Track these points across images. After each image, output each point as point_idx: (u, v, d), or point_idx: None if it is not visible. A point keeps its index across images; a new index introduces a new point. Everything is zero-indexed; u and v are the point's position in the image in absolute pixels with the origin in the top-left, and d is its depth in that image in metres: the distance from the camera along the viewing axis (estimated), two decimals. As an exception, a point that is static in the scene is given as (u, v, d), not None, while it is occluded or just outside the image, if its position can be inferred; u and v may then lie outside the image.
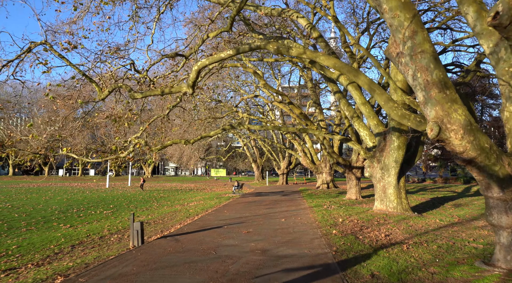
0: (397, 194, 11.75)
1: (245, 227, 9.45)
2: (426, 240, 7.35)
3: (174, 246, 7.03)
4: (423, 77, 4.71)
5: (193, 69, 7.35)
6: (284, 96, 19.85)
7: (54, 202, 19.02)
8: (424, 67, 4.69)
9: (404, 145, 11.41)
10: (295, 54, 6.53)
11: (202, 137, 12.27)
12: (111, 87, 8.24)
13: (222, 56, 7.14)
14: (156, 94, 7.90)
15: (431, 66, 4.64)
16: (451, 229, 8.80)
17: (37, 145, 11.56)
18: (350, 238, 7.63)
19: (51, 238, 9.41)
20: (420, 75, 4.74)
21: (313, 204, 15.36)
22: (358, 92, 12.66)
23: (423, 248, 6.56)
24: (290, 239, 7.57)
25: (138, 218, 13.66)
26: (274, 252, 6.41)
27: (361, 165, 18.13)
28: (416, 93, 4.93)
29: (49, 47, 7.98)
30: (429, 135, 4.63)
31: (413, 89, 4.99)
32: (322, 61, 6.37)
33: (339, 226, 9.30)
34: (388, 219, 10.37)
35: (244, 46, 6.94)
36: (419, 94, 4.83)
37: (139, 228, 7.49)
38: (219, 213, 12.89)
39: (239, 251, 6.46)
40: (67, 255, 7.41)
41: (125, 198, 22.58)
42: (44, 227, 11.32)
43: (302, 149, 27.28)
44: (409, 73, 4.90)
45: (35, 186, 34.60)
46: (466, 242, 7.10)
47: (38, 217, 13.54)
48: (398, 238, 7.69)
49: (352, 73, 6.09)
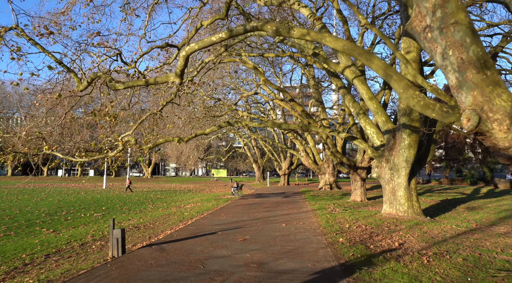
0: (408, 196, 10.81)
1: (242, 233, 8.53)
2: (447, 251, 6.42)
3: (158, 257, 6.12)
4: (456, 55, 3.79)
5: (181, 55, 6.45)
6: (285, 93, 18.94)
7: (44, 204, 18.15)
8: (457, 43, 3.76)
9: (415, 143, 10.47)
10: (297, 36, 5.62)
11: (197, 135, 11.36)
12: (90, 78, 7.35)
13: (213, 40, 6.23)
14: (140, 84, 7.01)
15: (467, 41, 3.71)
16: (471, 236, 7.86)
17: (17, 143, 10.68)
18: (360, 248, 6.70)
19: (27, 245, 8.52)
20: (453, 53, 3.81)
21: (316, 206, 14.43)
22: (364, 87, 11.75)
23: (447, 261, 5.62)
24: (291, 249, 6.65)
25: (128, 221, 12.77)
26: (272, 265, 5.49)
27: (367, 165, 17.18)
28: (446, 76, 4.00)
29: (20, 32, 7.09)
30: (465, 127, 3.70)
31: (443, 71, 4.06)
32: (329, 43, 5.45)
33: (346, 232, 8.37)
34: (399, 224, 9.43)
35: (238, 28, 6.03)
36: (451, 76, 3.90)
37: (120, 236, 6.60)
38: (215, 216, 11.98)
39: (232, 265, 5.55)
40: (37, 267, 6.51)
41: (120, 199, 21.69)
42: (24, 232, 10.44)
43: (304, 148, 26.34)
44: (438, 51, 3.98)
45: (31, 187, 33.77)
46: (494, 253, 6.16)
47: (22, 220, 12.65)
48: (414, 247, 6.76)
49: (364, 56, 5.17)
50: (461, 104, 3.88)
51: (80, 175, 70.92)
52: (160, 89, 14.40)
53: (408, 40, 10.35)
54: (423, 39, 4.17)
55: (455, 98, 3.96)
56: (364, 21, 7.88)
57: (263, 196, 21.80)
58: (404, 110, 10.66)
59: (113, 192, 27.94)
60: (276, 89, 18.77)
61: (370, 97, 11.52)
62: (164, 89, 13.77)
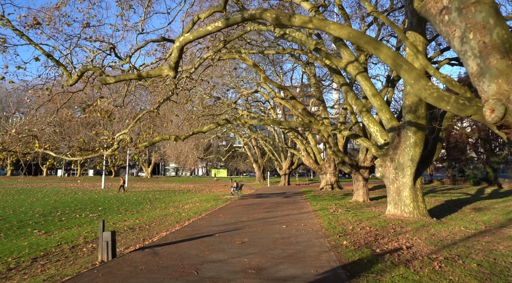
0: (413, 196, 10.39)
1: (240, 235, 8.12)
2: (458, 255, 6.00)
3: (149, 262, 5.71)
4: (477, 39, 3.38)
5: (175, 45, 6.05)
6: (286, 91, 18.53)
7: (39, 204, 17.76)
8: (479, 25, 3.36)
9: (421, 141, 10.05)
10: (298, 24, 5.21)
11: (194, 133, 10.96)
12: (79, 71, 6.94)
13: (209, 29, 5.83)
14: (132, 78, 6.61)
15: (491, 23, 3.31)
16: (482, 239, 7.45)
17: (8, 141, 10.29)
18: (366, 251, 6.29)
19: (15, 247, 8.12)
20: (474, 36, 3.40)
21: (318, 207, 14.01)
22: (368, 83, 11.34)
23: (460, 267, 5.21)
24: (292, 253, 6.24)
25: (124, 222, 12.37)
26: (271, 272, 5.08)
27: (369, 165, 16.76)
28: (465, 62, 3.60)
29: (6, 22, 6.70)
30: (489, 119, 3.30)
31: (461, 57, 3.65)
32: (333, 31, 5.05)
33: (350, 235, 7.95)
34: (405, 226, 9.02)
35: (236, 16, 5.62)
36: (471, 63, 3.49)
37: (110, 239, 6.19)
38: (213, 217, 11.57)
39: (228, 271, 5.14)
40: (21, 272, 6.11)
41: (118, 199, 21.29)
42: (15, 234, 10.04)
43: (305, 148, 25.92)
44: (456, 35, 3.57)
45: (29, 187, 33.40)
46: (509, 258, 5.75)
47: (14, 221, 12.26)
48: (423, 251, 6.35)
49: (371, 45, 4.77)
50: (482, 94, 3.48)
51: (80, 175, 70.51)
52: (158, 87, 14.02)
53: (413, 34, 9.93)
54: (438, 23, 3.76)
55: (476, 87, 3.55)
56: (370, 8, 7.46)
57: (263, 196, 21.39)
58: (409, 107, 10.25)
59: (111, 192, 27.55)
60: (277, 87, 18.36)
61: (374, 94, 11.11)
62: (161, 86, 13.39)
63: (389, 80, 16.23)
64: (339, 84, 13.09)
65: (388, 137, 11.17)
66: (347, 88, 12.61)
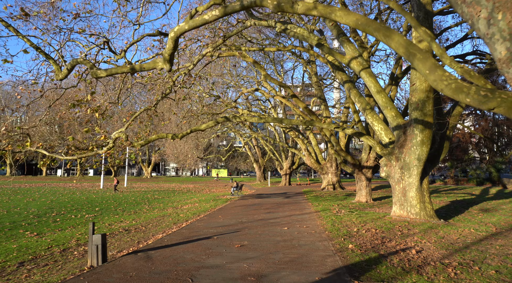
0: (420, 197, 9.99)
1: (239, 237, 7.73)
2: (473, 260, 5.60)
3: (141, 267, 5.32)
4: (507, 19, 2.98)
5: (169, 36, 5.66)
6: (287, 89, 18.15)
7: (35, 204, 17.38)
8: (510, 2, 2.96)
9: (429, 139, 9.65)
10: (302, 11, 4.82)
11: (192, 131, 10.56)
12: (70, 64, 6.56)
13: (206, 18, 5.44)
14: (124, 71, 6.23)
15: (522, 0, 2.90)
16: (495, 242, 7.04)
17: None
18: (373, 256, 5.89)
19: (3, 250, 7.73)
20: (503, 16, 3.00)
21: (320, 207, 13.62)
22: (372, 79, 10.95)
23: (477, 274, 4.81)
24: (295, 257, 5.84)
25: (120, 223, 11.98)
26: (273, 279, 4.69)
27: (372, 164, 16.36)
28: (491, 47, 3.19)
29: (-9, 13, 6.30)
30: (520, 110, 2.90)
31: (487, 42, 3.25)
32: (339, 17, 4.65)
33: (355, 237, 7.55)
34: (412, 227, 8.62)
35: (234, 4, 5.23)
36: (499, 47, 3.09)
37: (100, 242, 5.80)
38: (212, 218, 11.18)
39: (225, 278, 4.74)
40: (5, 278, 5.72)
41: (116, 199, 20.91)
42: (6, 235, 9.65)
43: (306, 147, 25.51)
44: (482, 16, 3.17)
45: (27, 186, 33.03)
46: (529, 264, 5.35)
47: (7, 222, 11.88)
48: (434, 255, 5.95)
49: (381, 32, 4.37)
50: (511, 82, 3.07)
51: (79, 175, 70.13)
52: (156, 84, 13.64)
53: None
54: (460, 3, 3.35)
55: (504, 74, 3.15)
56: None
57: (263, 196, 20.99)
58: (416, 104, 9.85)
59: (109, 192, 27.17)
60: (278, 85, 17.97)
61: (379, 91, 10.72)
62: (159, 83, 13.01)
63: (392, 78, 15.82)
64: (342, 82, 12.70)
65: (393, 135, 10.78)
66: (350, 86, 12.21)
